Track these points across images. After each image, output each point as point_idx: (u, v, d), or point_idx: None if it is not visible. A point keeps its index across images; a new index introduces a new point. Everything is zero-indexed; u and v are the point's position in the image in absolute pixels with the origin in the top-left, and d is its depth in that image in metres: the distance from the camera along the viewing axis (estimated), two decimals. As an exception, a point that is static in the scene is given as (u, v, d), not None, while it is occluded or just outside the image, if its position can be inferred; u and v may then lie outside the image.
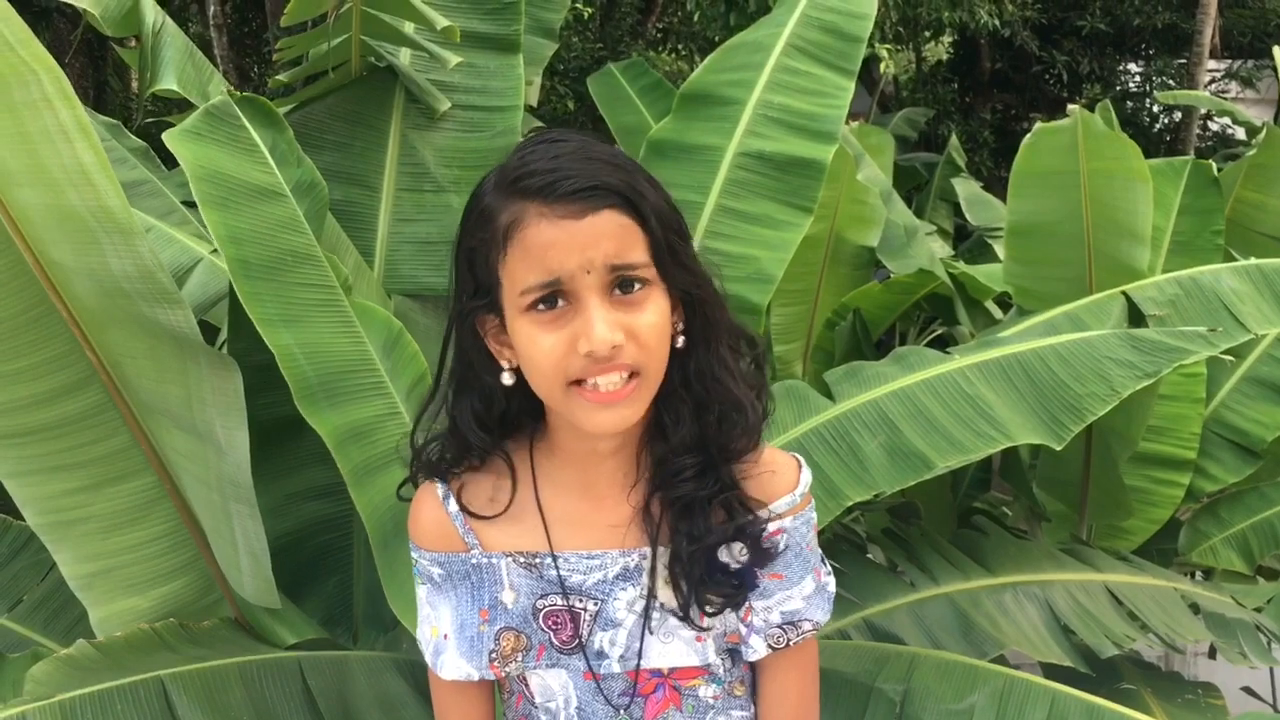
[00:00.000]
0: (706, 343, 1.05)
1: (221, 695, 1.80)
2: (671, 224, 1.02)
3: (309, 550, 2.23)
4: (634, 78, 4.39)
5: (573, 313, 0.97)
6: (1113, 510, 3.18)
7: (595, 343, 0.96)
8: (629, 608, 1.10)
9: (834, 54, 2.63)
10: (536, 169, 0.98)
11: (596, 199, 0.97)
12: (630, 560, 1.10)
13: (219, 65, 6.69)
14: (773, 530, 1.09)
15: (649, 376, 1.01)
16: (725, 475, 1.07)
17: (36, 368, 1.80)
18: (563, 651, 1.12)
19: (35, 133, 1.54)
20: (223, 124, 1.81)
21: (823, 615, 1.15)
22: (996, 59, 9.08)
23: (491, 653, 1.12)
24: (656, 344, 1.00)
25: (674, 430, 1.05)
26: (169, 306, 1.73)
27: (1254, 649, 2.49)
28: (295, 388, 1.67)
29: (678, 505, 1.07)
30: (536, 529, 1.11)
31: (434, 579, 1.14)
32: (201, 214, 1.68)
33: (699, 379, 1.05)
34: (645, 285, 0.99)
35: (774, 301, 3.70)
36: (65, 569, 1.94)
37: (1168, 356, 2.20)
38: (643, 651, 1.11)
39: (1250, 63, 9.17)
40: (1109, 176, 3.07)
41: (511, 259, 0.98)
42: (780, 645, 1.13)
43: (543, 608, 1.11)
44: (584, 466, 1.10)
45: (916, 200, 6.55)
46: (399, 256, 2.50)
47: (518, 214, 0.98)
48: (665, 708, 1.14)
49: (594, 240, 0.96)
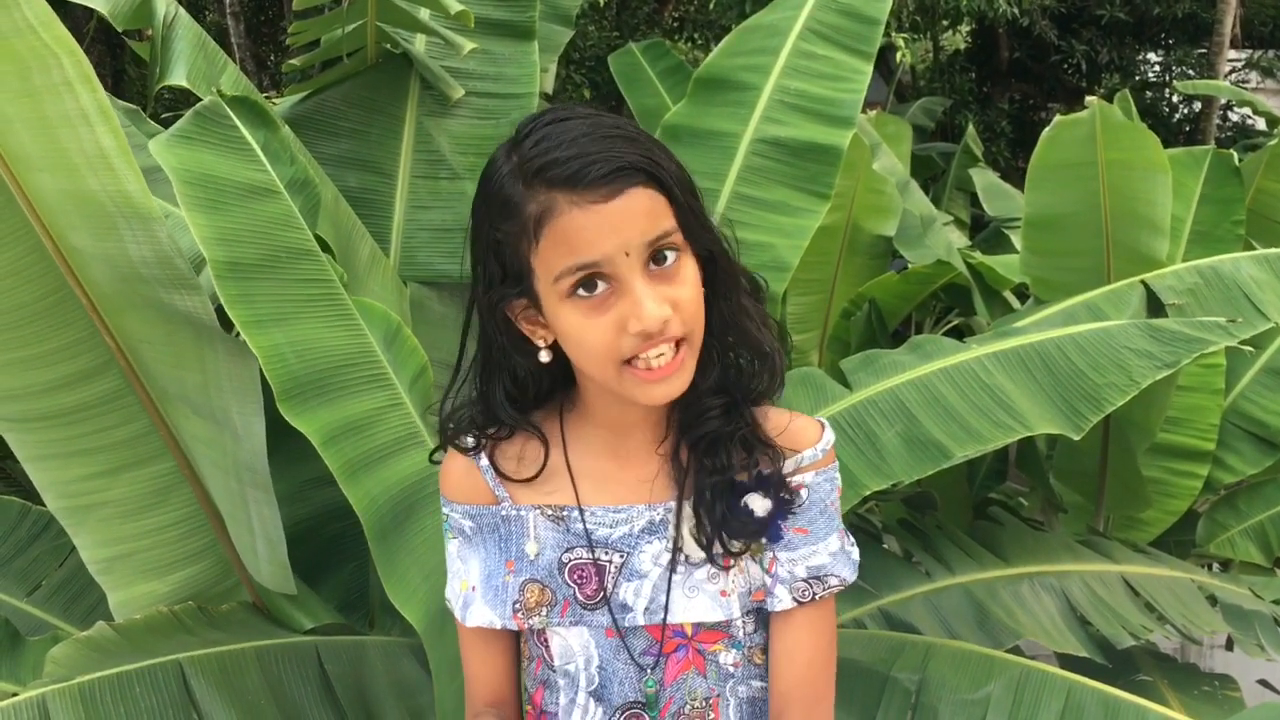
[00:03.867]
0: (727, 293, 1.08)
1: (239, 679, 1.82)
2: (688, 186, 1.04)
3: (326, 536, 2.24)
4: (654, 59, 4.38)
5: (615, 294, 0.99)
6: (1130, 501, 3.16)
7: (647, 321, 0.98)
8: (654, 560, 1.11)
9: (851, 36, 2.60)
10: (558, 157, 0.97)
11: (624, 180, 0.97)
12: (656, 514, 1.11)
13: (236, 53, 6.70)
14: (795, 484, 1.11)
15: (694, 341, 1.03)
16: (747, 415, 1.10)
17: (55, 353, 1.81)
18: (586, 607, 1.12)
19: (55, 117, 1.54)
20: (213, 125, 1.80)
21: (849, 573, 1.15)
22: (1015, 48, 8.99)
23: (515, 603, 1.13)
24: (698, 309, 1.03)
25: (702, 378, 1.07)
26: (186, 292, 1.73)
27: (1271, 641, 2.48)
28: (278, 389, 1.65)
29: (703, 444, 1.09)
30: (565, 486, 1.13)
31: (465, 531, 1.17)
32: (186, 218, 1.67)
33: (725, 328, 1.08)
34: (677, 253, 1.01)
35: (790, 290, 3.69)
36: (85, 553, 1.96)
37: (1187, 347, 2.18)
38: (668, 605, 1.11)
39: (1271, 53, 9.07)
40: (1128, 167, 3.05)
41: (545, 248, 0.99)
42: (806, 599, 1.13)
43: (568, 561, 1.12)
44: (615, 429, 1.12)
45: (933, 190, 6.51)
46: (415, 243, 2.50)
47: (546, 204, 0.98)
48: (686, 669, 1.14)
49: (628, 221, 0.97)
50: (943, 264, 4.03)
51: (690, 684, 1.14)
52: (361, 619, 2.27)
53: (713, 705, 1.15)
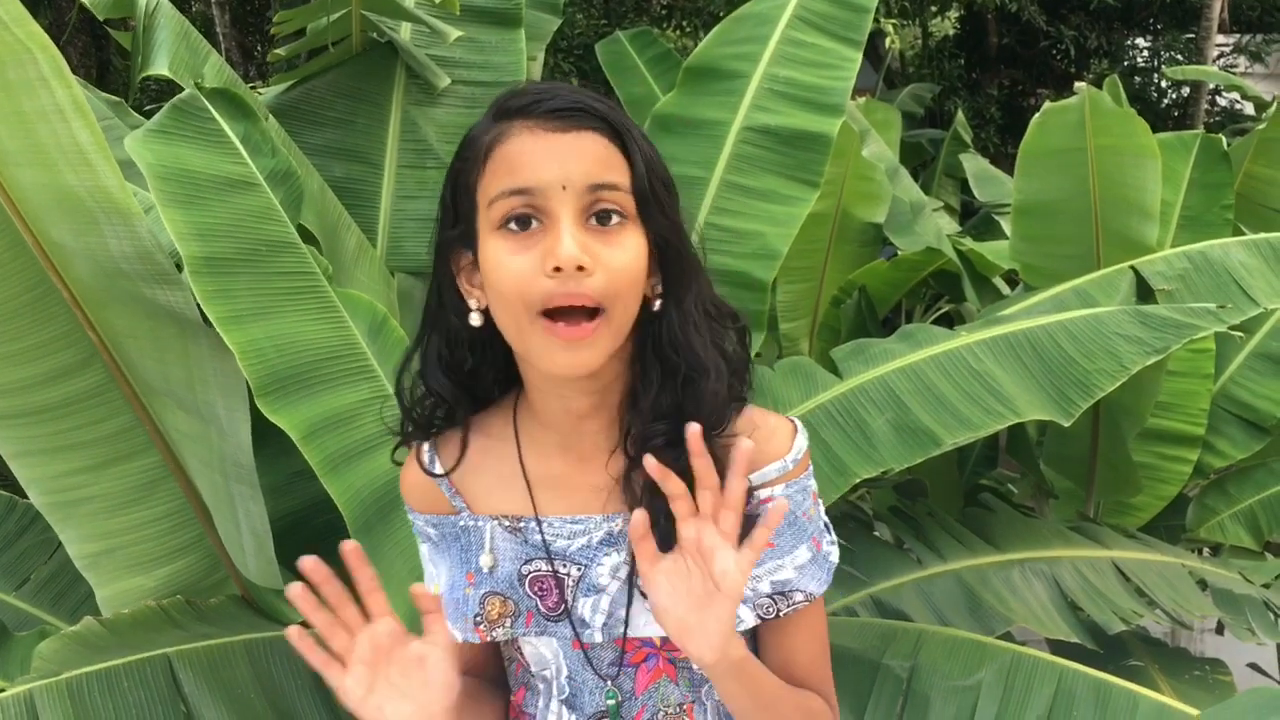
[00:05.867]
0: (678, 301, 1.01)
1: (228, 672, 1.81)
2: (657, 170, 1.00)
3: (314, 528, 2.22)
4: (642, 47, 4.36)
5: (544, 234, 0.95)
6: (1121, 487, 3.16)
7: (561, 258, 0.92)
8: (612, 574, 1.07)
9: (840, 24, 2.60)
10: (526, 91, 0.98)
11: (582, 119, 0.96)
12: (614, 525, 1.07)
13: (221, 43, 6.64)
14: (763, 499, 1.05)
15: (614, 318, 0.96)
16: (710, 446, 1.01)
17: (38, 348, 1.79)
18: (550, 619, 1.09)
19: (31, 112, 1.52)
20: (191, 118, 1.78)
21: (817, 586, 1.10)
22: (1003, 34, 8.97)
23: (476, 616, 1.10)
24: (627, 283, 0.96)
25: (644, 394, 1.02)
26: (168, 288, 1.72)
27: (1262, 625, 2.48)
28: (256, 385, 1.64)
29: None
30: (521, 492, 1.09)
31: (431, 538, 1.15)
32: (161, 215, 1.65)
33: (668, 341, 1.01)
34: (623, 221, 0.97)
35: (780, 279, 3.69)
36: (71, 548, 1.95)
37: (1177, 332, 2.18)
38: (629, 619, 1.08)
39: (1259, 37, 9.08)
40: (1117, 153, 3.04)
41: (489, 170, 0.97)
42: (770, 616, 1.09)
43: (528, 573, 1.09)
44: (562, 428, 1.07)
45: (923, 177, 6.50)
46: (402, 233, 2.49)
47: (502, 130, 0.97)
48: (657, 678, 1.11)
49: (575, 156, 0.95)
50: (932, 251, 4.03)
51: (663, 691, 1.11)
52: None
53: (687, 711, 1.12)
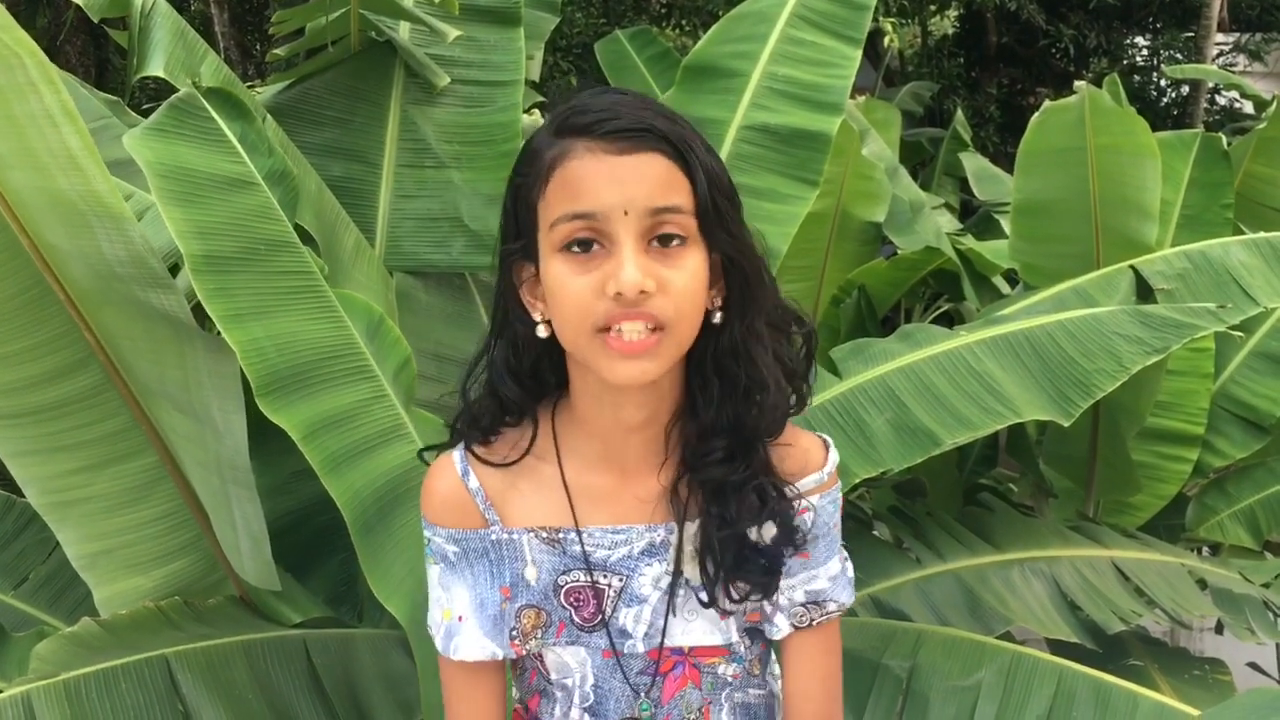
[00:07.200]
0: (743, 317, 1.02)
1: (226, 673, 1.81)
2: (720, 185, 0.99)
3: (313, 528, 2.22)
4: (641, 46, 4.36)
5: (605, 256, 0.94)
6: (1120, 486, 3.16)
7: (624, 284, 0.92)
8: (654, 584, 1.08)
9: (840, 22, 2.59)
10: (589, 108, 0.97)
11: (644, 140, 0.95)
12: (656, 535, 1.07)
13: (220, 42, 6.63)
14: (801, 509, 1.08)
15: (674, 334, 0.96)
16: (758, 460, 1.04)
17: (35, 348, 1.79)
18: (583, 629, 1.09)
19: (22, 117, 1.52)
20: (188, 117, 1.77)
21: (847, 597, 1.14)
22: (1003, 33, 8.97)
23: (513, 630, 1.09)
24: (688, 303, 0.96)
25: (704, 409, 1.03)
26: (162, 292, 1.72)
27: (1261, 624, 2.48)
28: (256, 384, 1.62)
29: (708, 488, 1.04)
30: (561, 503, 1.08)
31: (448, 558, 1.10)
32: (161, 212, 1.64)
33: (730, 354, 1.02)
34: (685, 242, 0.96)
35: (779, 278, 3.66)
36: (68, 548, 1.94)
37: (1177, 332, 2.18)
38: (666, 630, 1.09)
39: (1259, 36, 9.07)
40: (1116, 152, 3.04)
41: (551, 191, 0.96)
42: (804, 625, 1.11)
43: (565, 584, 1.08)
44: (609, 440, 1.07)
45: (922, 175, 6.50)
46: (400, 233, 2.47)
47: (564, 149, 0.96)
48: (683, 685, 1.12)
49: (637, 179, 0.94)
50: (932, 250, 4.02)
51: (687, 698, 1.13)
52: (350, 611, 2.26)
53: (704, 712, 1.13)
